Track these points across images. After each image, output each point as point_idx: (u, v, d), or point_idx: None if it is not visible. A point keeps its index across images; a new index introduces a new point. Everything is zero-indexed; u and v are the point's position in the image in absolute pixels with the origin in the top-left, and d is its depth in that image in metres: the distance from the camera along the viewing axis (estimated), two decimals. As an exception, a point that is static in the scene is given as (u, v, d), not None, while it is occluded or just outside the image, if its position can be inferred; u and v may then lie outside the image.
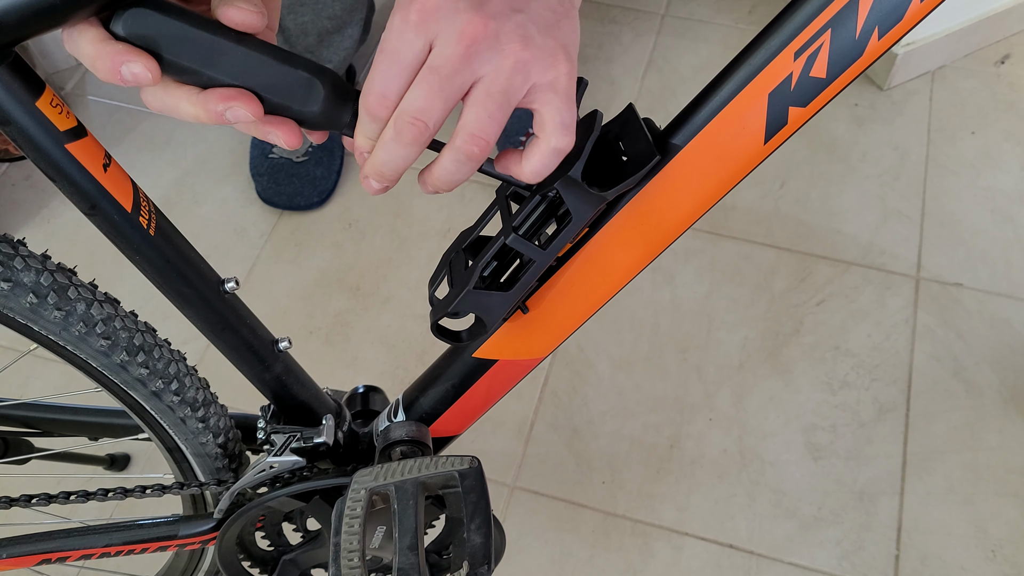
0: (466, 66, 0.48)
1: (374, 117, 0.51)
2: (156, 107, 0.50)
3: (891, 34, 0.53)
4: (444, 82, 0.49)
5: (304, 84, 0.51)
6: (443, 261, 0.65)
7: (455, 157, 0.52)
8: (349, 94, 0.52)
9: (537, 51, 0.49)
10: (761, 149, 0.57)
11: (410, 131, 0.50)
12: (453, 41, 0.48)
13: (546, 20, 0.50)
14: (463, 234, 0.65)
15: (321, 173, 1.62)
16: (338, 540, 0.65)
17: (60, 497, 0.78)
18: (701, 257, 1.54)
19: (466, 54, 0.48)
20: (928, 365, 1.41)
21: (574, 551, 1.28)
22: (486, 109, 0.50)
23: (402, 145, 0.51)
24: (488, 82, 0.49)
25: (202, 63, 0.49)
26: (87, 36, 0.47)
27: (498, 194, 0.63)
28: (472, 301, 0.62)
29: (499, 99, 0.49)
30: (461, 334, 0.66)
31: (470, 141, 0.51)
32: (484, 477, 0.68)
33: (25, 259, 0.59)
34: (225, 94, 0.49)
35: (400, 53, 0.49)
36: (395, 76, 0.49)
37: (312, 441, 0.75)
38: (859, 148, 1.65)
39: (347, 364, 1.46)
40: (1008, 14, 1.71)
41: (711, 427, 1.37)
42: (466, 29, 0.48)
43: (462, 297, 0.61)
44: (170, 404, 0.71)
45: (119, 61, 0.46)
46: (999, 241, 1.53)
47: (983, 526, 1.27)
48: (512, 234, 0.59)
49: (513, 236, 0.59)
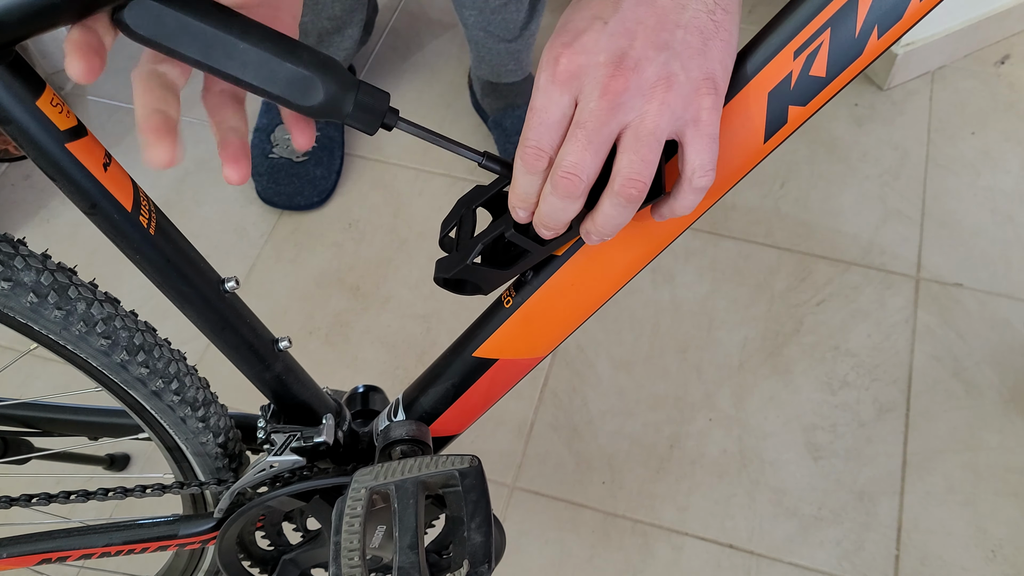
0: (612, 118, 0.51)
1: (531, 169, 0.54)
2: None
3: (890, 33, 0.53)
4: (592, 135, 0.51)
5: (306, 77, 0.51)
6: (457, 208, 0.65)
7: (615, 202, 0.53)
8: (351, 84, 0.53)
9: (680, 87, 0.51)
10: (761, 148, 0.57)
11: (565, 185, 0.52)
12: (596, 96, 0.50)
13: (693, 48, 0.51)
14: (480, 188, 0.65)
15: (321, 173, 1.62)
16: (338, 539, 0.65)
17: (60, 497, 0.78)
18: (701, 257, 1.54)
19: (610, 108, 0.50)
20: (928, 365, 1.41)
21: (574, 551, 1.28)
22: (637, 153, 0.51)
23: (560, 198, 0.53)
24: (636, 127, 0.51)
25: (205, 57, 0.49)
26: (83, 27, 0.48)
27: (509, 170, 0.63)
28: (471, 272, 0.62)
29: (648, 140, 0.51)
30: (467, 285, 0.66)
31: (627, 185, 0.52)
32: (484, 476, 0.68)
33: (25, 258, 0.59)
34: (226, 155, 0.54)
35: (548, 111, 0.52)
36: (546, 132, 0.52)
37: (312, 440, 0.75)
38: (859, 148, 1.65)
39: (347, 364, 1.46)
40: (1008, 14, 1.71)
41: (711, 427, 1.37)
42: (609, 84, 0.50)
43: (461, 268, 0.62)
44: (170, 403, 0.71)
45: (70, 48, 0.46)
46: (999, 241, 1.53)
47: (983, 526, 1.27)
48: (511, 229, 0.59)
49: (512, 232, 0.59)
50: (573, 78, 0.51)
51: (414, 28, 1.89)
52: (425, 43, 1.86)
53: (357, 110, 0.53)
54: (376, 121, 0.54)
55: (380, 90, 0.54)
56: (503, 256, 0.64)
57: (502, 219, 0.61)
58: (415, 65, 1.83)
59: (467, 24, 1.51)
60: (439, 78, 1.80)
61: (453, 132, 1.71)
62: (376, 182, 1.65)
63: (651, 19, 0.50)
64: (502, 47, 1.53)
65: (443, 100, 1.76)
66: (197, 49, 0.49)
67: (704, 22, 0.51)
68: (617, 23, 0.50)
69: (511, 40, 1.52)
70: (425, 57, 1.84)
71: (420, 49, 1.85)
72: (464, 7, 1.48)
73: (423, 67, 1.82)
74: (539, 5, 1.51)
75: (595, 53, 0.50)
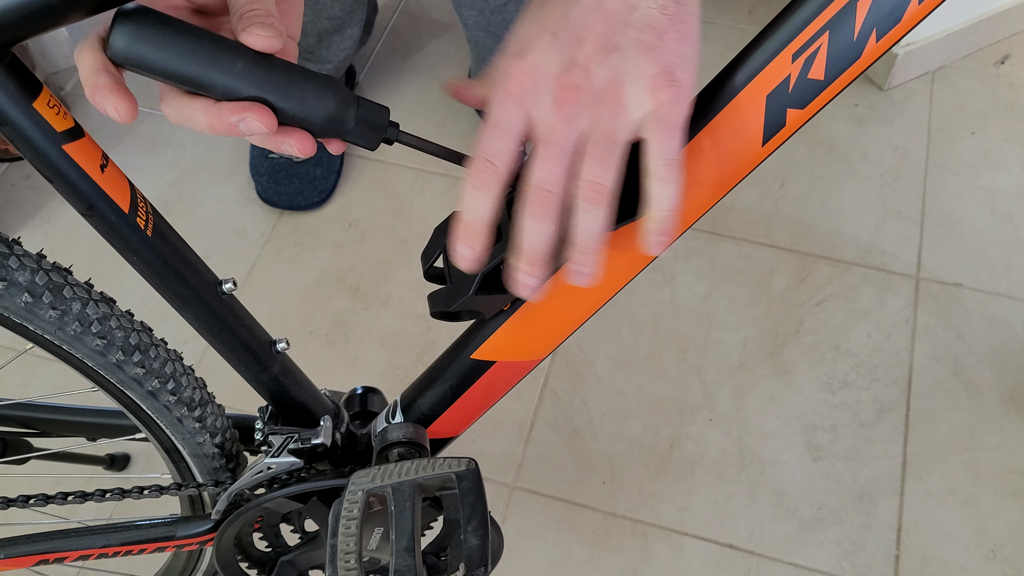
0: (569, 127, 0.51)
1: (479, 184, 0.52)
2: (174, 119, 0.52)
3: (889, 36, 0.53)
4: (554, 148, 0.51)
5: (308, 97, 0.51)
6: (436, 237, 0.64)
7: (581, 209, 0.53)
8: (351, 101, 0.53)
9: (633, 87, 0.50)
10: (759, 151, 0.57)
11: (539, 202, 0.52)
12: (551, 109, 0.50)
13: (646, 45, 0.50)
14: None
15: (321, 173, 1.62)
16: (335, 542, 0.65)
17: (57, 498, 0.78)
18: (701, 257, 1.54)
19: (566, 118, 0.50)
20: (928, 365, 1.41)
21: (574, 551, 1.28)
22: (595, 157, 0.51)
23: (538, 221, 0.52)
24: (592, 133, 0.51)
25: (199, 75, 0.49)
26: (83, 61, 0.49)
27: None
28: (472, 303, 0.62)
29: (603, 143, 0.51)
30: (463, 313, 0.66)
31: (589, 188, 0.52)
32: (481, 479, 0.68)
33: (20, 258, 0.59)
34: (239, 106, 0.50)
35: (500, 125, 0.52)
36: (498, 142, 0.52)
37: (310, 442, 0.75)
38: (859, 148, 1.65)
39: (347, 364, 1.46)
40: (1008, 14, 1.71)
41: (711, 427, 1.37)
42: (560, 95, 0.50)
43: (463, 301, 0.61)
44: (166, 404, 0.71)
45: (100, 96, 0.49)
46: (999, 241, 1.53)
47: (983, 526, 1.27)
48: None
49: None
50: (524, 92, 0.51)
51: (414, 28, 1.89)
52: (425, 43, 1.86)
53: (358, 126, 0.54)
54: (377, 137, 0.55)
55: (380, 105, 0.54)
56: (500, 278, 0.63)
57: (499, 245, 0.60)
58: (415, 65, 1.82)
59: (467, 24, 1.51)
60: (439, 78, 1.80)
61: (453, 132, 1.71)
62: (376, 182, 1.65)
63: (599, 25, 0.50)
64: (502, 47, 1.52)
65: (443, 100, 1.76)
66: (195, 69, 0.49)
67: (656, 18, 0.50)
68: (567, 34, 0.50)
69: (511, 40, 1.51)
70: (425, 57, 1.84)
71: (420, 49, 1.85)
72: (464, 7, 1.48)
73: (423, 67, 1.82)
74: (539, 5, 1.51)
75: (545, 66, 0.50)
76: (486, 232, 0.54)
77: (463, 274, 0.61)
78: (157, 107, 0.53)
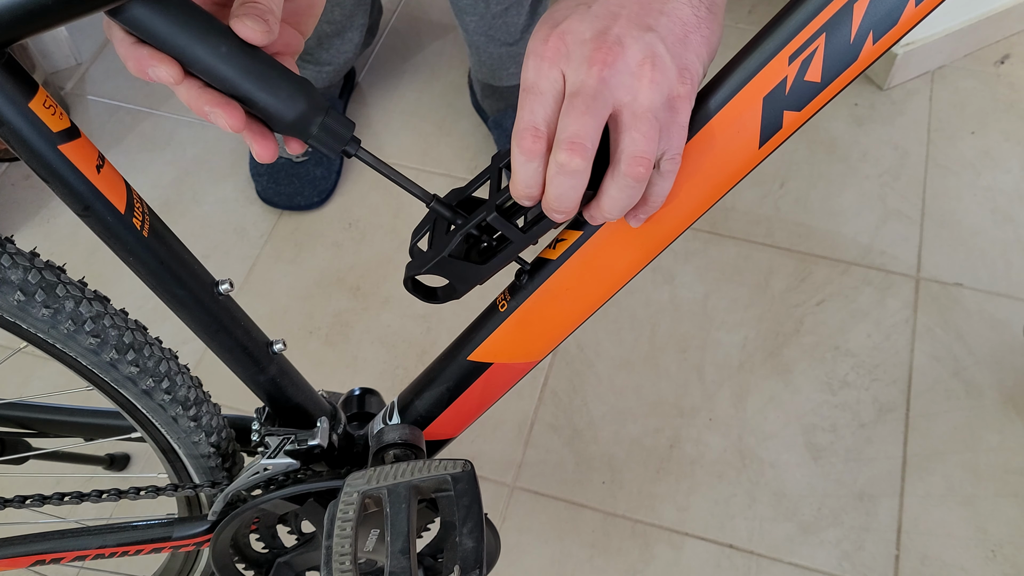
0: (604, 87, 0.51)
1: (528, 154, 0.53)
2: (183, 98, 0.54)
3: (886, 38, 0.53)
4: (589, 102, 0.51)
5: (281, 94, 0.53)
6: (429, 214, 0.65)
7: (621, 183, 0.53)
8: (321, 108, 0.55)
9: (667, 68, 0.52)
10: (756, 153, 0.57)
11: (571, 154, 0.52)
12: (585, 67, 0.51)
13: (675, 35, 0.52)
14: (454, 192, 0.65)
15: (321, 173, 1.62)
16: (330, 543, 0.65)
17: (54, 498, 0.78)
18: (701, 257, 1.53)
19: (600, 77, 0.51)
20: (928, 365, 1.41)
21: (574, 551, 1.28)
22: (638, 131, 0.52)
23: (567, 174, 0.52)
24: (631, 105, 0.52)
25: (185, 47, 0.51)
26: (116, 37, 0.51)
27: (492, 161, 0.63)
28: (446, 267, 0.63)
29: (646, 117, 0.52)
30: (437, 291, 0.66)
31: (634, 163, 0.52)
32: (476, 481, 0.68)
33: (13, 256, 0.59)
34: (213, 100, 0.52)
35: (539, 86, 0.53)
36: (540, 107, 0.53)
37: (306, 443, 0.75)
38: (859, 148, 1.65)
39: (346, 364, 1.45)
40: (1008, 14, 1.71)
41: (711, 427, 1.37)
42: (594, 55, 0.51)
43: (436, 262, 0.62)
44: (161, 403, 0.71)
45: (145, 64, 0.51)
46: (999, 241, 1.52)
47: (983, 526, 1.27)
48: (494, 212, 0.59)
49: (495, 215, 0.59)
50: (559, 54, 0.52)
51: (414, 28, 1.89)
52: (425, 43, 1.86)
53: (321, 132, 0.55)
54: (338, 147, 0.56)
55: (347, 119, 0.56)
56: (479, 253, 0.64)
57: (483, 207, 0.61)
58: (415, 65, 1.82)
59: (467, 29, 1.51)
60: (439, 78, 1.80)
61: (453, 132, 1.71)
62: (376, 182, 1.65)
63: (634, 5, 0.52)
64: (503, 50, 1.52)
65: (443, 100, 1.76)
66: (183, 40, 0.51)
67: (687, 14, 0.52)
68: (601, 6, 0.52)
69: (512, 43, 1.51)
70: (425, 57, 1.84)
71: (420, 49, 1.85)
72: (465, 13, 1.47)
73: (423, 67, 1.82)
74: (540, 8, 1.51)
75: (580, 32, 0.52)
76: (540, 196, 0.55)
77: (444, 238, 0.62)
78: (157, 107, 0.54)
